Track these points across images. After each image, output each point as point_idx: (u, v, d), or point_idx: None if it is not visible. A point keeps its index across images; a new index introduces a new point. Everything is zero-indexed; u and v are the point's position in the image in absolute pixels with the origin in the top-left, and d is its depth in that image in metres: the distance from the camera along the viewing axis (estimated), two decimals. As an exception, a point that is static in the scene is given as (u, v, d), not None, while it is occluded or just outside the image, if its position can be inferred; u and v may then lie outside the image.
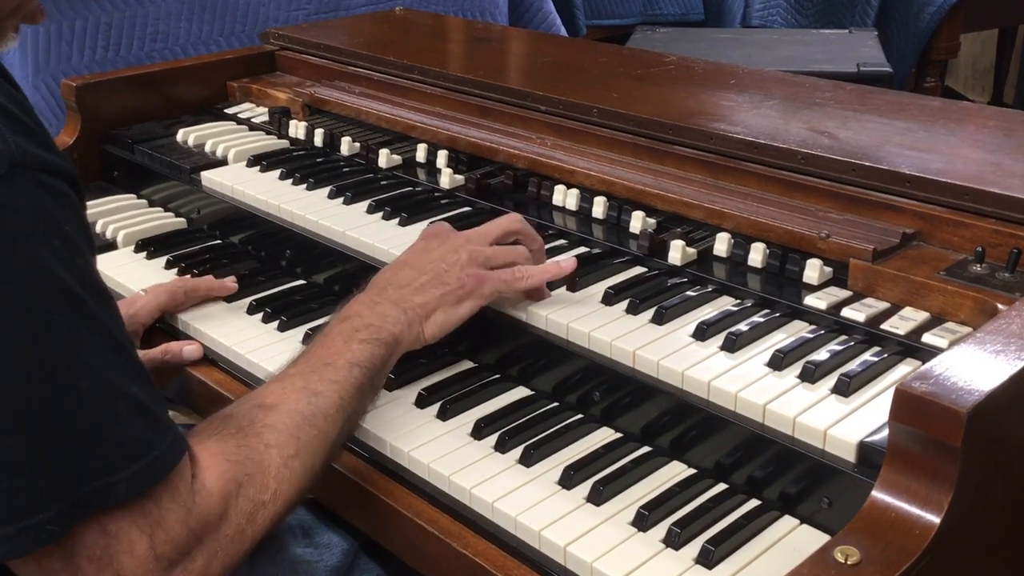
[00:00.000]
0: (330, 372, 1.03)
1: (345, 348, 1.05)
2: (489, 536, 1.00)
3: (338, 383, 1.02)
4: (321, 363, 1.04)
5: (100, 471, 0.81)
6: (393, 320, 1.10)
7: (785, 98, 1.55)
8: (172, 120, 1.90)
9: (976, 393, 0.82)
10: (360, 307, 1.11)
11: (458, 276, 1.14)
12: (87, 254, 0.86)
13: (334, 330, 1.09)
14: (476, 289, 1.15)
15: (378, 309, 1.10)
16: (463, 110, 1.68)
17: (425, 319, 1.12)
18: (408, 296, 1.13)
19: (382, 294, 1.13)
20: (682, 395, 1.06)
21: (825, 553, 0.82)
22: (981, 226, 1.15)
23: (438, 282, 1.14)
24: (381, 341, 1.08)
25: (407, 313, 1.11)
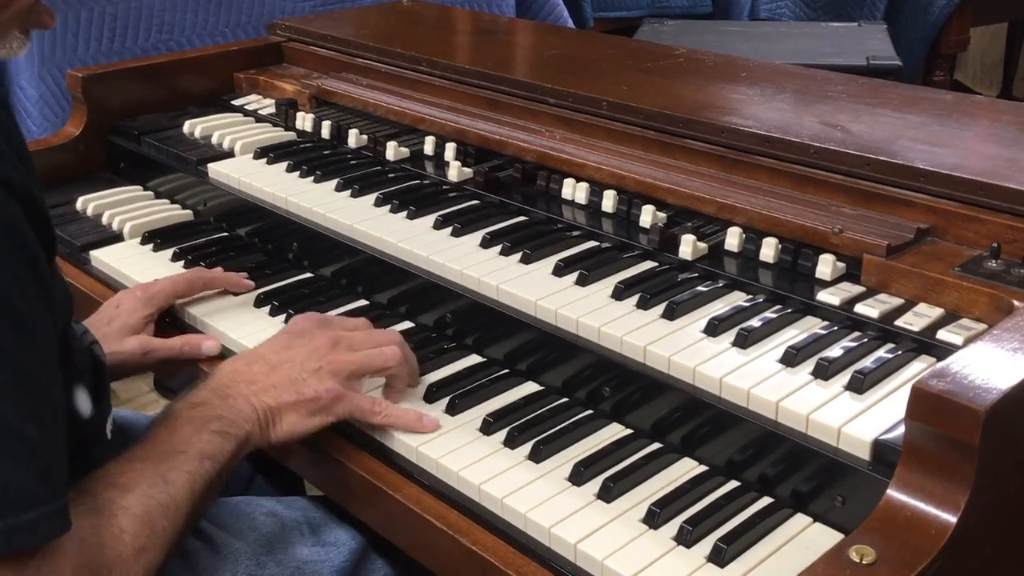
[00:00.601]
0: (180, 461, 0.96)
1: (196, 437, 0.99)
2: (498, 533, 0.99)
3: (190, 473, 0.96)
4: (172, 450, 0.97)
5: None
6: (245, 416, 1.04)
7: (797, 91, 1.54)
8: (178, 112, 1.89)
9: (994, 391, 0.81)
10: (210, 395, 1.05)
11: (315, 388, 1.07)
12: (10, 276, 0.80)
13: (182, 416, 1.01)
14: (330, 406, 1.07)
15: (230, 402, 1.04)
16: (471, 103, 1.66)
17: (275, 423, 1.06)
18: (260, 394, 1.06)
19: (232, 387, 1.06)
20: (693, 391, 1.05)
21: (840, 552, 0.81)
22: (996, 221, 1.14)
23: (292, 389, 1.07)
24: (232, 436, 1.02)
25: (258, 413, 1.05)
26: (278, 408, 1.06)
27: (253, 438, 1.04)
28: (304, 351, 1.10)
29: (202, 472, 0.97)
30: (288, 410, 1.06)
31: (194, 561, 1.08)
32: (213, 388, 1.06)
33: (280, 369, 1.08)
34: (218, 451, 1.00)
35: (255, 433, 1.04)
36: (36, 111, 2.49)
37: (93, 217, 1.68)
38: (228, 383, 1.07)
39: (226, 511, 1.15)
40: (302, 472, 1.23)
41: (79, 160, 1.82)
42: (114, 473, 0.93)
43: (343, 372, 1.09)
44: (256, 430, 1.04)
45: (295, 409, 1.06)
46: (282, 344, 1.12)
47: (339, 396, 1.08)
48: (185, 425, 1.00)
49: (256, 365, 1.09)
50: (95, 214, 1.68)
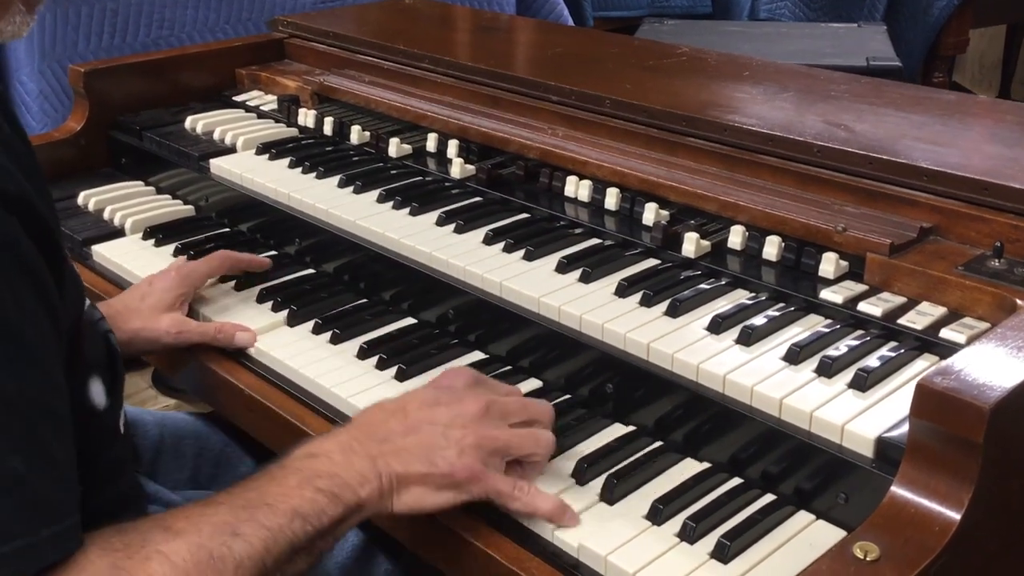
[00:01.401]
0: (265, 514, 0.84)
1: (296, 492, 0.87)
2: (504, 530, 0.99)
3: (270, 531, 0.83)
4: (260, 500, 0.85)
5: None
6: (363, 480, 0.91)
7: (800, 90, 1.54)
8: (180, 107, 1.89)
9: (998, 389, 0.81)
10: (333, 447, 0.93)
11: (452, 462, 0.93)
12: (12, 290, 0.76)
13: (293, 464, 0.91)
14: (464, 485, 0.94)
15: (353, 459, 0.92)
16: (474, 100, 1.66)
17: (398, 492, 0.93)
18: (388, 457, 0.93)
19: (363, 442, 0.94)
20: (697, 389, 1.05)
21: (844, 549, 0.81)
22: (999, 221, 1.14)
23: (426, 457, 0.93)
24: (341, 500, 0.89)
25: (381, 479, 0.92)
26: (405, 476, 0.93)
27: (369, 505, 0.91)
28: (449, 415, 0.97)
29: (288, 532, 0.85)
30: (417, 481, 0.93)
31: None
32: (341, 440, 0.94)
33: (419, 431, 0.95)
34: (318, 512, 0.87)
35: (372, 500, 0.91)
36: (36, 106, 2.48)
37: (94, 212, 1.68)
38: (359, 437, 0.94)
39: None
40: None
41: (80, 155, 1.82)
42: (172, 515, 0.84)
43: (486, 448, 0.95)
44: (375, 497, 0.91)
45: (424, 481, 0.94)
46: (428, 400, 0.99)
47: (476, 476, 0.94)
48: (291, 476, 0.89)
49: (394, 420, 0.96)
50: (96, 209, 1.68)
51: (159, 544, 0.80)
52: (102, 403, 1.01)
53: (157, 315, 1.28)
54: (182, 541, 0.80)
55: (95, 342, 1.02)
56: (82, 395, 0.98)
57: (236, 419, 1.30)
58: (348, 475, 0.90)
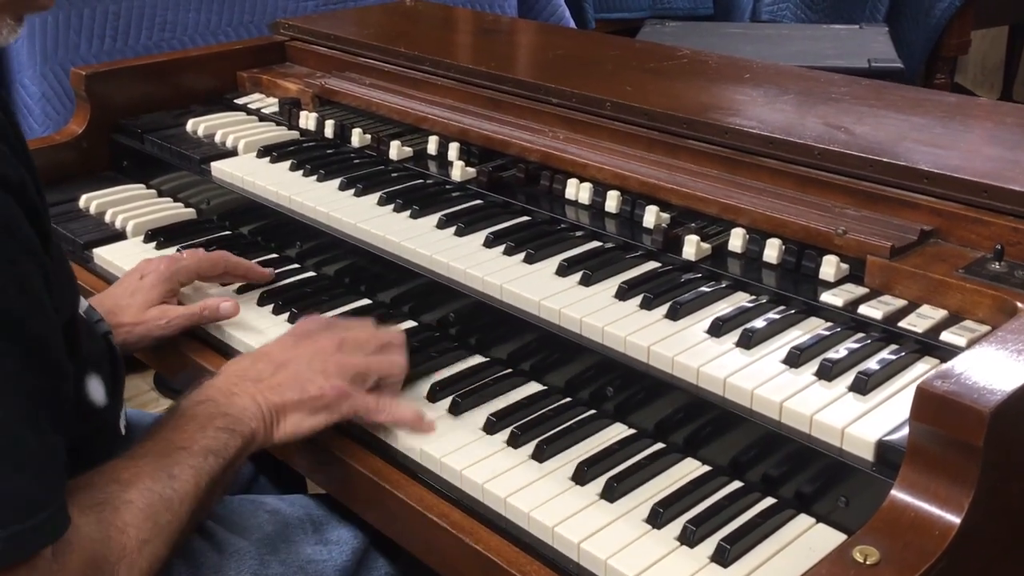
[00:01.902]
0: (185, 456, 0.97)
1: (200, 434, 0.99)
2: (502, 532, 0.99)
3: (194, 468, 0.96)
4: (175, 446, 0.97)
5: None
6: (251, 414, 1.03)
7: (800, 93, 1.54)
8: (181, 110, 1.89)
9: (998, 393, 0.81)
10: (215, 392, 1.04)
11: (320, 385, 1.07)
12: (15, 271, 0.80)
13: (187, 412, 1.01)
14: (334, 404, 1.07)
15: (235, 400, 1.04)
16: (475, 102, 1.67)
17: (279, 421, 1.05)
18: (265, 392, 1.05)
19: (238, 384, 1.06)
20: (697, 391, 1.05)
21: (843, 553, 0.81)
22: (1000, 223, 1.14)
23: (297, 386, 1.06)
24: (238, 433, 1.01)
25: (263, 410, 1.04)
26: (283, 405, 1.06)
27: (258, 435, 1.04)
28: (309, 351, 1.10)
29: (207, 468, 0.97)
30: (292, 408, 1.06)
31: (199, 560, 1.08)
32: (218, 386, 1.06)
33: (285, 368, 1.08)
34: (223, 447, 1.00)
35: (260, 430, 1.04)
36: (38, 109, 2.49)
37: (96, 215, 1.68)
38: (234, 381, 1.06)
39: (229, 510, 1.15)
40: (307, 473, 1.23)
41: (82, 158, 1.82)
42: (118, 468, 0.94)
43: (348, 373, 1.09)
44: (261, 427, 1.04)
45: (299, 407, 1.06)
46: (288, 344, 1.12)
47: (343, 394, 1.08)
48: (190, 422, 1.00)
49: (261, 363, 1.09)
50: (98, 212, 1.68)
51: (121, 495, 0.90)
52: (101, 401, 1.01)
53: (145, 309, 1.31)
54: (135, 489, 0.91)
55: (95, 341, 1.03)
56: (80, 392, 0.99)
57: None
58: (236, 412, 1.02)
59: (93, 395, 1.01)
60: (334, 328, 1.15)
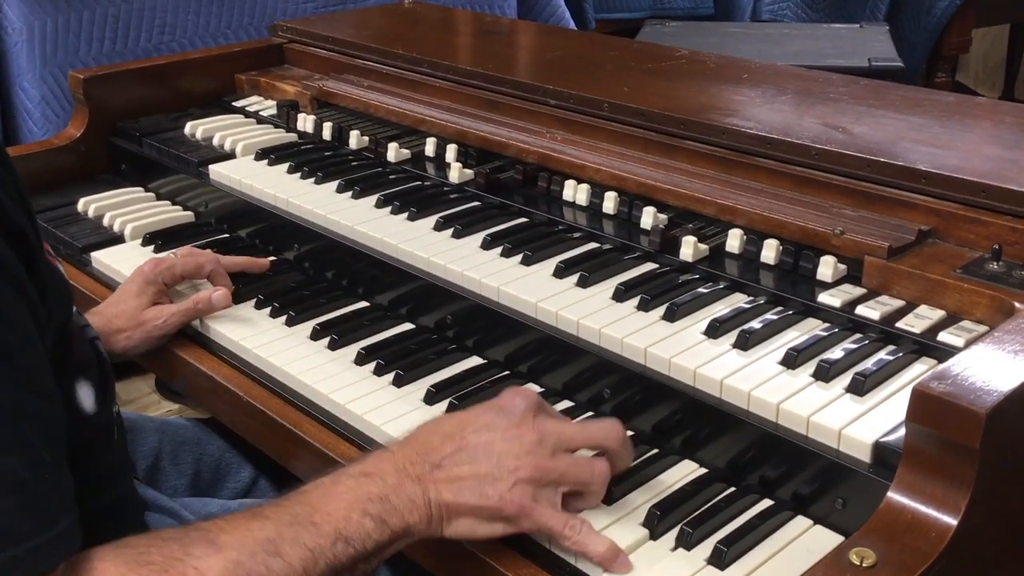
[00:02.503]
0: (309, 534, 0.84)
1: (344, 512, 0.86)
2: (499, 536, 0.98)
3: (312, 551, 0.83)
4: (307, 519, 0.85)
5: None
6: (414, 508, 0.89)
7: (798, 93, 1.54)
8: (180, 113, 1.89)
9: (995, 393, 0.80)
10: (388, 467, 0.91)
11: (503, 495, 0.90)
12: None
13: (346, 482, 0.89)
14: (514, 519, 0.91)
15: (406, 484, 0.90)
16: (472, 104, 1.66)
17: (448, 521, 0.91)
18: (440, 485, 0.91)
19: (417, 464, 0.92)
20: (694, 393, 1.05)
21: (840, 555, 0.81)
22: (998, 223, 1.14)
23: (477, 489, 0.91)
24: (389, 526, 0.88)
25: (431, 507, 0.90)
26: (456, 507, 0.91)
27: (416, 530, 0.90)
28: (505, 440, 0.93)
29: (330, 555, 0.84)
30: (467, 513, 0.91)
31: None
32: (397, 461, 0.92)
33: (474, 460, 0.92)
34: (363, 536, 0.86)
35: (420, 526, 0.90)
36: (38, 112, 2.49)
37: (94, 219, 1.68)
38: (414, 460, 0.92)
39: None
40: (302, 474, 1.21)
41: (80, 161, 1.82)
42: (218, 525, 0.84)
43: (540, 480, 0.92)
44: (422, 524, 0.90)
45: (474, 513, 0.91)
46: (485, 424, 0.95)
47: (526, 512, 0.91)
48: (344, 494, 0.88)
49: (449, 444, 0.93)
50: (96, 216, 1.68)
51: (198, 559, 0.80)
52: (91, 407, 1.01)
53: (138, 313, 1.32)
54: (220, 557, 0.80)
55: (82, 347, 1.03)
56: (70, 399, 0.98)
57: (235, 425, 1.30)
58: (398, 500, 0.89)
59: (82, 402, 1.00)
60: (540, 412, 0.97)
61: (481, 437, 0.93)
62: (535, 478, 0.92)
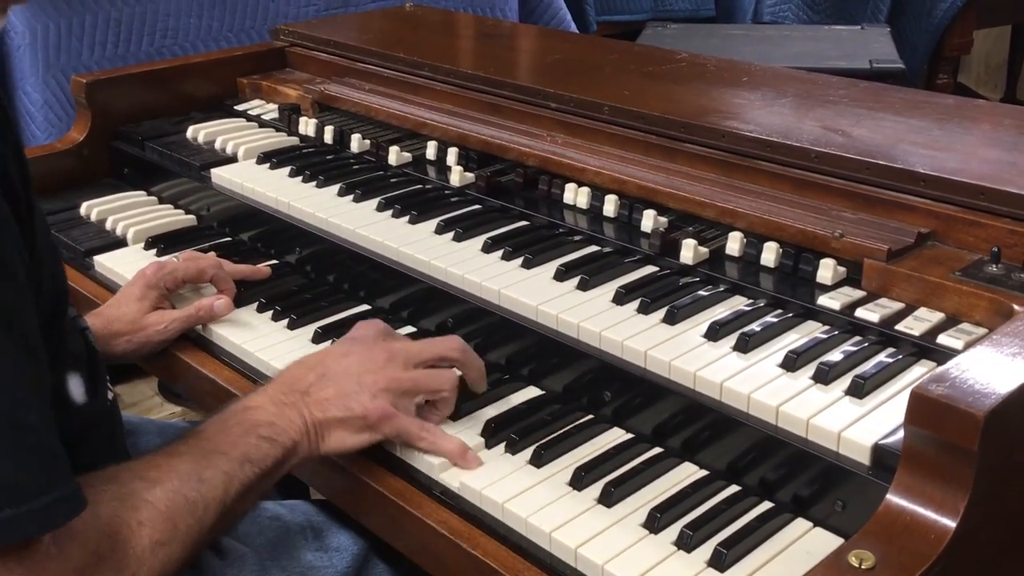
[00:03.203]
0: (221, 461, 0.96)
1: (242, 440, 0.99)
2: (499, 537, 0.99)
3: (227, 475, 0.96)
4: (215, 449, 0.97)
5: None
6: (296, 428, 1.03)
7: (798, 95, 1.54)
8: (182, 117, 1.90)
9: (993, 396, 0.81)
10: (265, 400, 1.05)
11: (365, 405, 1.05)
12: None
13: (234, 417, 1.02)
14: (377, 425, 1.05)
15: (284, 411, 1.04)
16: (473, 107, 1.67)
17: (323, 437, 1.05)
18: (311, 407, 1.05)
19: (288, 394, 1.06)
20: (694, 396, 1.05)
21: (839, 557, 0.81)
22: (997, 226, 1.14)
23: (341, 403, 1.05)
24: (279, 443, 1.01)
25: (307, 425, 1.04)
26: (326, 422, 1.05)
27: (301, 448, 1.03)
28: (360, 362, 1.08)
29: (241, 475, 0.97)
30: (336, 426, 1.05)
31: (200, 565, 1.08)
32: (271, 394, 1.06)
33: (334, 382, 1.07)
34: (262, 456, 0.99)
35: (304, 444, 1.03)
36: (41, 116, 2.50)
37: (97, 222, 1.69)
38: (285, 391, 1.06)
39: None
40: (307, 479, 1.23)
41: (83, 165, 1.83)
42: (148, 465, 0.94)
43: (395, 389, 1.07)
44: (305, 441, 1.04)
45: (342, 425, 1.05)
46: (340, 352, 1.10)
47: (387, 416, 1.06)
48: (236, 426, 1.01)
49: (312, 374, 1.08)
50: (99, 219, 1.69)
51: (142, 493, 0.90)
52: (80, 399, 1.02)
53: (139, 317, 1.33)
54: (160, 488, 0.91)
55: (73, 338, 1.04)
56: (60, 390, 0.99)
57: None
58: (282, 423, 1.02)
59: (73, 393, 1.01)
60: (389, 336, 1.14)
61: (340, 364, 1.08)
62: (391, 388, 1.07)
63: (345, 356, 1.09)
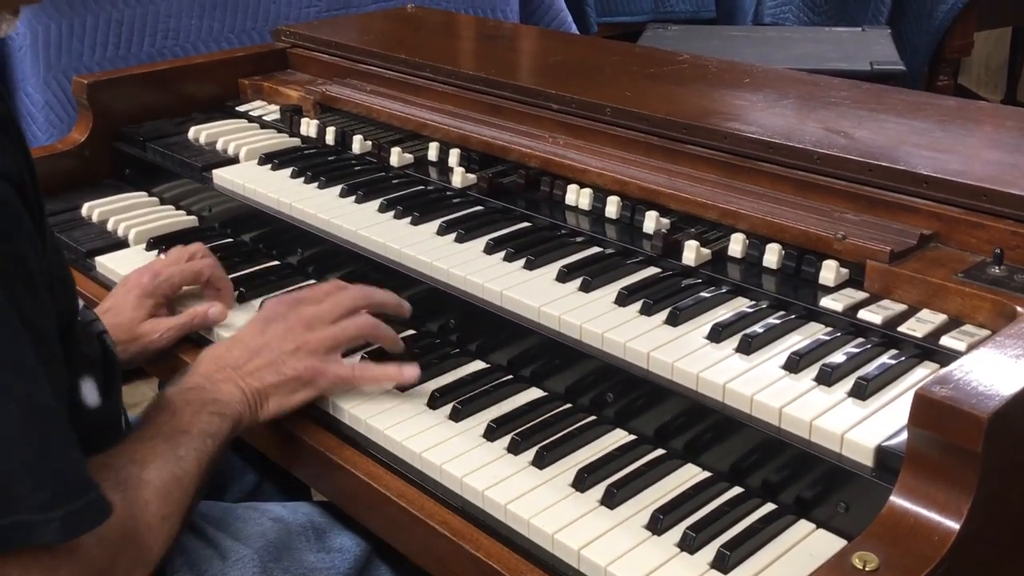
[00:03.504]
0: (188, 439, 1.03)
1: (196, 418, 1.05)
2: (502, 539, 0.99)
3: (196, 450, 1.03)
4: (177, 430, 1.03)
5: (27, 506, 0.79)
6: (236, 399, 1.10)
7: (800, 97, 1.54)
8: (183, 118, 1.90)
9: (997, 398, 0.81)
10: (201, 380, 1.11)
11: (295, 367, 1.13)
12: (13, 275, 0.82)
13: (180, 399, 1.07)
14: (312, 382, 1.14)
15: (221, 386, 1.10)
16: (475, 108, 1.67)
17: (262, 404, 1.12)
18: (245, 378, 1.12)
19: (220, 371, 1.12)
20: (697, 397, 1.05)
21: (843, 559, 0.81)
22: (999, 227, 1.14)
23: (273, 370, 1.13)
24: (228, 416, 1.08)
25: (246, 394, 1.11)
26: (263, 390, 1.12)
27: (244, 418, 1.11)
28: (280, 333, 1.16)
29: (206, 449, 1.04)
30: (273, 390, 1.13)
31: (202, 567, 1.08)
32: (202, 373, 1.12)
33: (259, 353, 1.14)
34: (217, 430, 1.06)
35: (245, 413, 1.11)
36: (42, 117, 2.50)
37: (98, 223, 1.69)
38: (215, 369, 1.13)
39: (233, 516, 1.16)
40: (307, 479, 1.23)
41: (84, 166, 1.83)
42: (132, 450, 0.99)
43: (320, 350, 1.15)
44: (246, 411, 1.11)
45: (279, 389, 1.13)
46: (258, 330, 1.17)
47: (318, 372, 1.14)
48: (185, 407, 1.06)
49: (236, 351, 1.15)
50: (100, 220, 1.69)
51: (140, 474, 0.96)
52: (94, 402, 1.02)
53: (135, 326, 1.33)
54: (151, 468, 0.97)
55: (89, 343, 1.04)
56: (73, 394, 0.99)
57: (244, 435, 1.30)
58: (225, 397, 1.09)
59: (86, 398, 1.02)
60: (298, 305, 1.20)
61: (261, 339, 1.16)
62: (315, 348, 1.15)
63: (263, 333, 1.16)
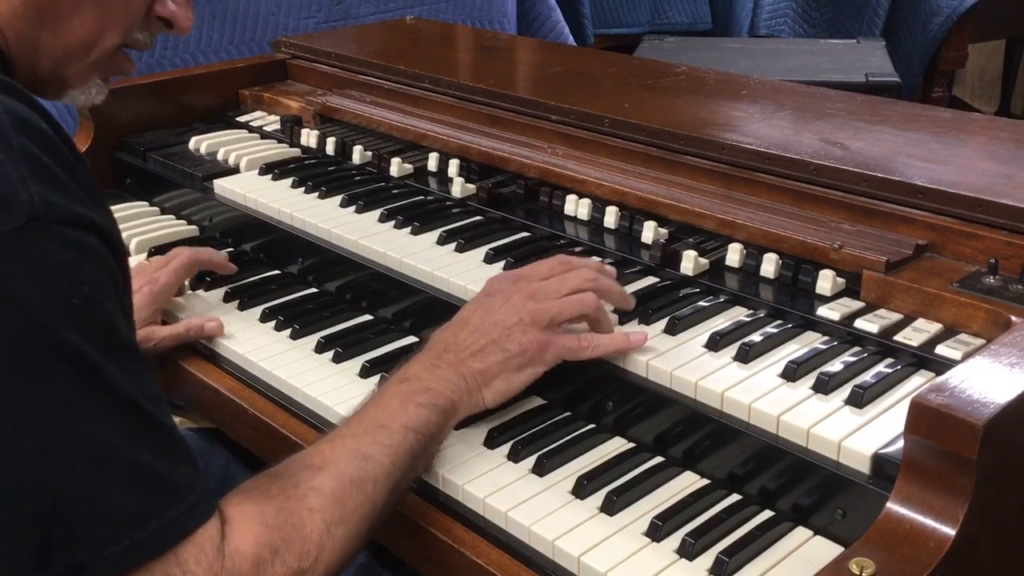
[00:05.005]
0: (383, 435, 0.99)
1: (401, 411, 1.02)
2: (502, 546, 1.00)
3: (391, 447, 0.98)
4: (375, 425, 1.00)
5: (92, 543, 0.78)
6: (453, 386, 1.06)
7: (797, 109, 1.56)
8: (184, 128, 1.91)
9: (992, 405, 0.82)
10: (419, 369, 1.07)
11: (519, 341, 1.08)
12: (111, 310, 0.82)
13: (390, 390, 1.05)
14: (538, 356, 1.09)
15: (438, 373, 1.06)
16: (474, 119, 1.68)
17: (485, 386, 1.08)
18: (467, 361, 1.07)
19: (441, 357, 1.08)
20: (695, 405, 1.06)
21: (840, 565, 0.82)
22: (994, 238, 1.16)
23: (498, 348, 1.08)
24: (438, 407, 1.04)
25: (466, 379, 1.07)
26: (486, 370, 1.08)
27: (461, 405, 1.06)
28: (504, 310, 1.10)
29: (405, 445, 0.99)
30: (497, 370, 1.08)
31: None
32: (423, 362, 1.08)
33: (484, 332, 1.09)
34: (424, 424, 1.02)
35: (463, 400, 1.06)
36: (42, 127, 2.50)
37: (99, 232, 1.69)
38: (438, 354, 1.09)
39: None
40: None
41: (85, 176, 1.83)
42: (313, 453, 0.97)
43: (543, 321, 1.09)
44: (464, 398, 1.06)
45: (504, 367, 1.08)
46: (481, 307, 1.12)
47: (545, 343, 1.09)
48: (392, 399, 1.03)
49: (462, 333, 1.10)
50: (101, 229, 1.69)
51: (309, 481, 0.93)
52: None
53: None
54: (326, 474, 0.94)
55: None
56: None
57: (239, 437, 1.31)
58: (438, 387, 1.05)
59: None
60: (521, 280, 1.15)
61: (483, 318, 1.10)
62: (538, 320, 1.09)
63: (487, 309, 1.11)
